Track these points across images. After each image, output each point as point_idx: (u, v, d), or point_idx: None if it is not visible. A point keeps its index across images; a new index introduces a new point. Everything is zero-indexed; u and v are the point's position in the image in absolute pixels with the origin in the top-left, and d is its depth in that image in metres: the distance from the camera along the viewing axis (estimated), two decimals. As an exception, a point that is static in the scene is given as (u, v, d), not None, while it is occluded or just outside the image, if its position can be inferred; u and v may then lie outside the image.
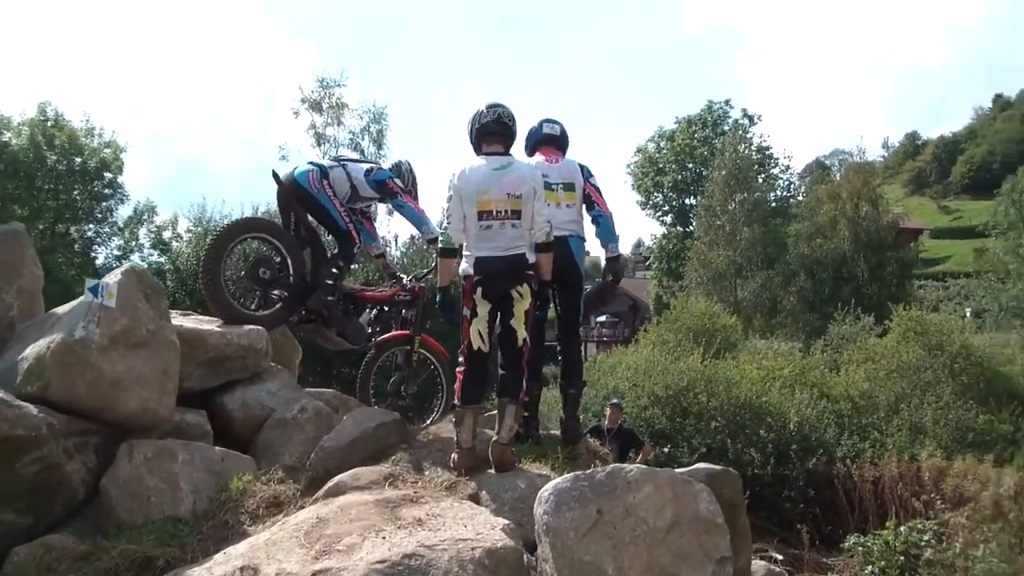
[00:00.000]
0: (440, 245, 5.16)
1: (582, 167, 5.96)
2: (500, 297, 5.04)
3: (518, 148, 5.62)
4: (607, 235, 5.98)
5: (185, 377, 5.40)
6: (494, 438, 4.96)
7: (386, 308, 6.89)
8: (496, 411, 5.05)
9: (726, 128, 47.17)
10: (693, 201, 46.79)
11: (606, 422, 10.02)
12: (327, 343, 6.87)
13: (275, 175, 6.54)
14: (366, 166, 6.96)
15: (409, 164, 7.34)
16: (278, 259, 6.52)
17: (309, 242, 6.66)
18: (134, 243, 33.70)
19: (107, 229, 33.51)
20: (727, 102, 50.25)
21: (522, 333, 5.04)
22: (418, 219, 6.68)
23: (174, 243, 30.45)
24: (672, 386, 14.09)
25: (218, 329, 5.74)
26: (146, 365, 4.81)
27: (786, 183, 46.36)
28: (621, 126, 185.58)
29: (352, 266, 7.33)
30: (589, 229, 5.93)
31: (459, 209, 5.07)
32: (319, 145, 31.31)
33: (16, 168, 29.57)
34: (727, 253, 36.54)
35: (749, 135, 45.21)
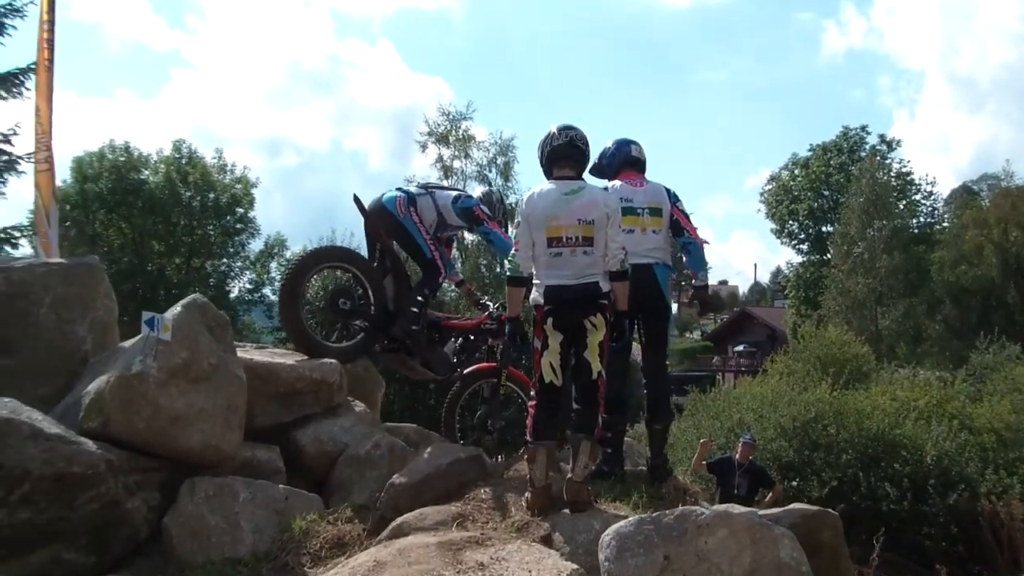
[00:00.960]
0: (508, 273, 4.93)
1: (668, 191, 5.63)
2: (572, 328, 4.75)
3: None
4: (697, 263, 5.65)
5: (256, 412, 5.28)
6: (568, 475, 4.64)
7: (471, 337, 6.68)
8: (571, 449, 4.72)
9: (862, 155, 45.43)
10: (829, 228, 45.24)
11: (737, 456, 9.54)
12: (410, 373, 6.70)
13: (357, 201, 6.31)
14: (453, 193, 6.73)
15: (500, 194, 7.13)
16: (358, 289, 6.36)
17: (392, 270, 6.47)
18: (265, 276, 34.71)
19: (239, 263, 34.59)
20: (863, 128, 48.52)
21: (596, 366, 4.74)
22: (505, 247, 6.41)
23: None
24: (799, 418, 13.42)
25: (290, 363, 5.60)
26: (208, 400, 4.68)
27: (929, 209, 44.38)
28: (752, 154, 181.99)
29: (436, 296, 7.13)
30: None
31: (528, 235, 4.82)
32: (447, 178, 31.51)
33: (154, 205, 30.73)
34: (866, 281, 35.23)
35: (888, 161, 43.50)
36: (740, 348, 53.39)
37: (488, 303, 6.94)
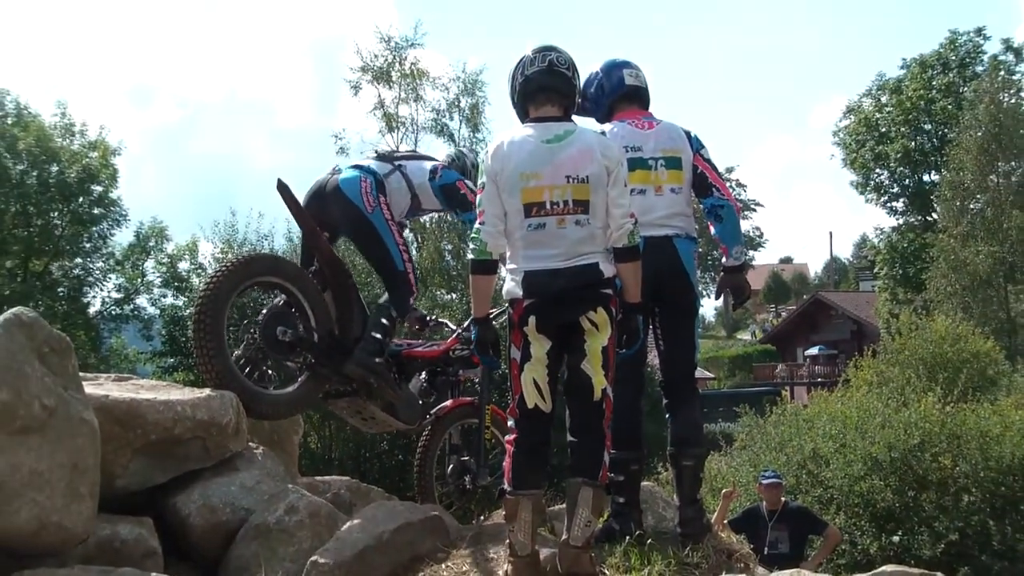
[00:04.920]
0: (471, 256, 4.92)
1: (688, 134, 5.72)
2: (564, 329, 4.81)
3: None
4: (730, 234, 5.70)
5: (118, 471, 5.23)
6: (564, 538, 4.69)
7: (438, 369, 6.77)
8: (566, 500, 4.78)
9: (979, 70, 45.66)
10: (935, 177, 45.48)
11: (764, 504, 9.70)
12: (366, 424, 6.74)
13: (283, 188, 6.07)
14: (428, 165, 6.74)
15: (475, 157, 7.15)
16: (295, 312, 6.22)
17: (334, 282, 6.38)
18: (139, 280, 34.61)
19: (101, 264, 34.46)
20: (979, 31, 48.74)
21: (600, 381, 4.78)
22: None
23: (195, 278, 30.91)
24: (898, 445, 13.50)
25: (163, 399, 5.58)
26: (43, 459, 4.55)
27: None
28: (819, 76, 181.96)
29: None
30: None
31: (497, 202, 4.85)
32: (391, 130, 31.66)
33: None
34: (990, 249, 35.31)
35: (1016, 76, 43.81)
36: (815, 351, 53.82)
37: (447, 322, 7.01)
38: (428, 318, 7.43)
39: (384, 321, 6.35)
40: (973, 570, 12.09)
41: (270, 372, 6.25)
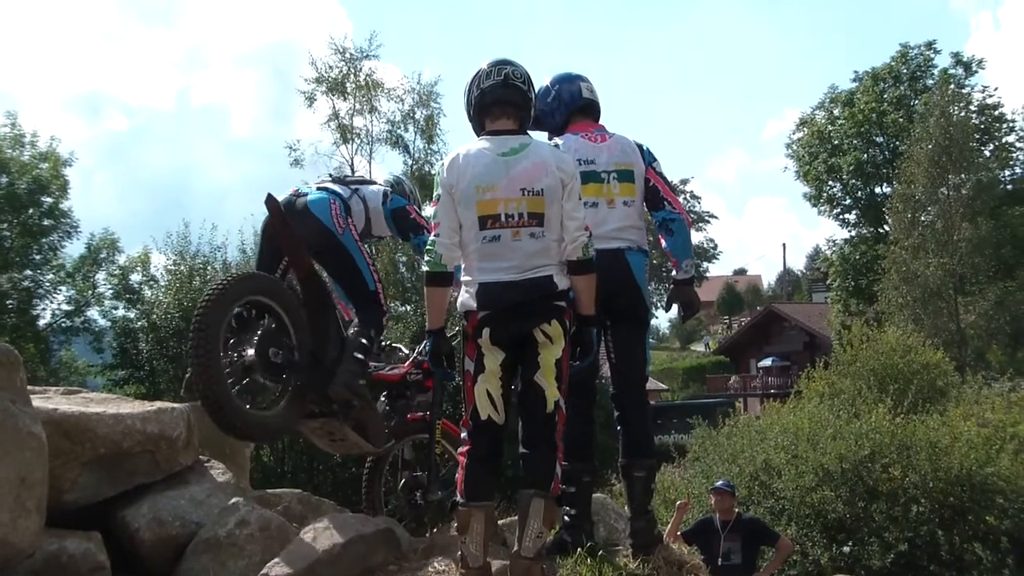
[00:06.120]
0: (425, 268, 4.96)
1: (640, 147, 5.78)
2: (517, 342, 4.85)
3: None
4: (682, 247, 5.79)
5: (65, 485, 5.23)
6: (515, 549, 4.71)
7: (396, 393, 6.77)
8: (518, 511, 4.78)
9: (929, 83, 46.16)
10: (887, 189, 45.89)
11: (716, 515, 9.78)
12: (335, 446, 6.61)
13: (272, 202, 5.99)
14: (379, 188, 6.80)
15: (411, 183, 7.24)
16: (278, 331, 6.06)
17: (311, 302, 6.25)
18: (91, 292, 34.28)
19: (51, 275, 34.15)
20: (929, 45, 49.22)
21: (553, 393, 4.84)
22: None
23: (147, 290, 30.13)
24: (849, 456, 13.63)
25: (112, 412, 5.58)
26: None
27: (1028, 155, 45.17)
28: (773, 90, 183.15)
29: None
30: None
31: (451, 213, 4.90)
32: (346, 142, 31.64)
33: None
34: (941, 261, 35.57)
35: (966, 90, 44.27)
36: (768, 362, 54.16)
37: (402, 348, 7.03)
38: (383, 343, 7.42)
39: (364, 342, 6.31)
40: (923, 580, 12.20)
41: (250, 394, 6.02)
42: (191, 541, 5.41)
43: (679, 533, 9.23)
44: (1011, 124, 44.92)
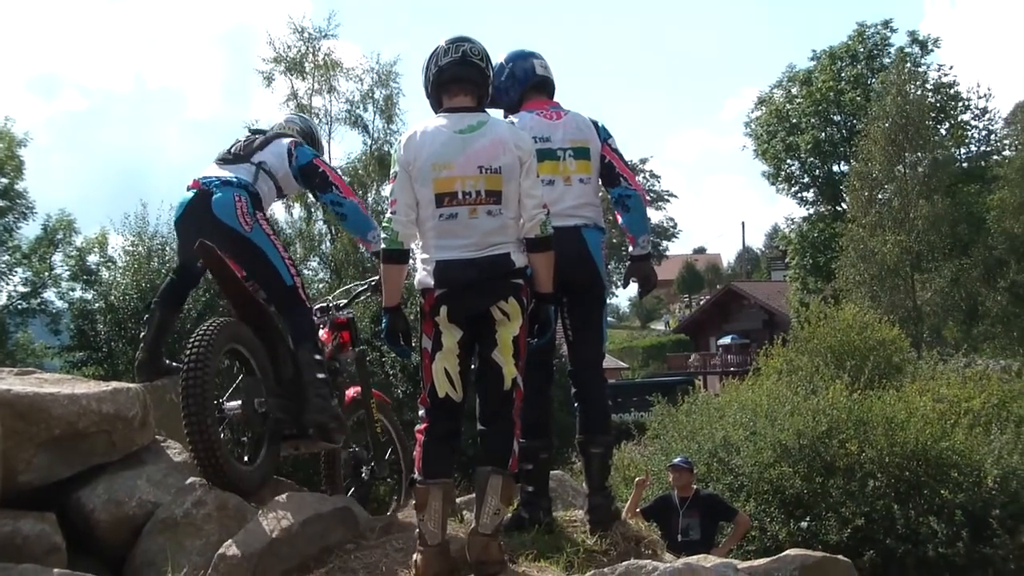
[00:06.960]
0: (383, 245, 4.97)
1: (595, 124, 5.79)
2: (475, 319, 4.87)
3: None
4: (638, 224, 5.80)
5: (19, 467, 5.19)
6: (473, 526, 4.75)
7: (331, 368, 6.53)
8: (475, 488, 4.82)
9: (886, 62, 46.38)
10: (844, 168, 46.15)
11: (675, 491, 9.85)
12: (296, 452, 6.52)
13: (205, 249, 5.80)
14: (284, 144, 6.36)
15: (311, 124, 7.01)
16: (252, 376, 5.92)
17: (254, 325, 6.07)
18: (47, 274, 34.04)
19: (6, 257, 33.87)
20: (886, 24, 49.62)
21: (511, 371, 4.87)
22: (364, 225, 6.25)
23: (104, 271, 29.94)
24: (807, 432, 13.69)
25: (66, 392, 5.52)
26: None
27: (982, 134, 45.91)
28: (731, 69, 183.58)
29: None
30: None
31: (408, 192, 4.90)
32: (305, 121, 31.46)
33: None
34: (897, 238, 35.71)
35: (922, 68, 44.53)
36: (727, 340, 54.44)
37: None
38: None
39: (319, 358, 6.12)
40: (878, 554, 12.27)
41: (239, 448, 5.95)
42: (147, 521, 5.38)
43: (638, 510, 9.29)
44: (966, 103, 45.28)
